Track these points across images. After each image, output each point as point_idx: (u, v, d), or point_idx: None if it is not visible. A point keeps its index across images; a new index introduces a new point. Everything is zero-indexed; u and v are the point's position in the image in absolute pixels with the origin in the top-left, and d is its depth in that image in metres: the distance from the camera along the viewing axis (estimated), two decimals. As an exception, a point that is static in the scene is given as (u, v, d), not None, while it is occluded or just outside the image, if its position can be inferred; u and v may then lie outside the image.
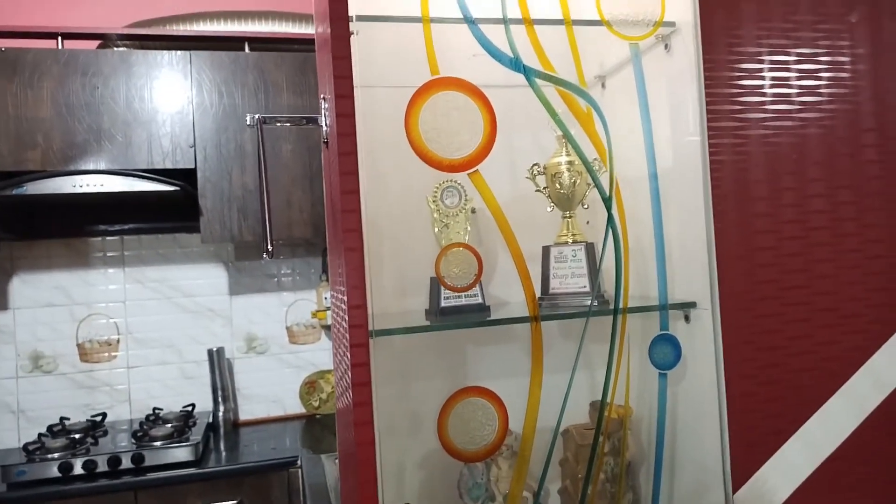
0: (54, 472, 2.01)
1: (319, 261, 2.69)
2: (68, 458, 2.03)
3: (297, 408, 2.63)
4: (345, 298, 0.89)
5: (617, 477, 1.13)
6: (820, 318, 1.05)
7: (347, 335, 0.89)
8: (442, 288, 1.09)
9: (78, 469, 2.03)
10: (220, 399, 2.47)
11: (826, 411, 1.04)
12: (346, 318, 0.90)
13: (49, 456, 2.04)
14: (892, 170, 1.10)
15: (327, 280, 2.61)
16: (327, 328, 2.70)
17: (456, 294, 1.10)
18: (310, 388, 2.62)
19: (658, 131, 1.11)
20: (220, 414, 2.46)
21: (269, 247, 0.99)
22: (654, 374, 1.12)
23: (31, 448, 2.08)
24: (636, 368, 1.15)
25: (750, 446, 1.02)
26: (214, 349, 2.49)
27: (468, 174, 0.95)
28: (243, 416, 2.58)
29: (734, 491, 1.01)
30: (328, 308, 2.56)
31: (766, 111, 1.05)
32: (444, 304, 1.09)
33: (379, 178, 1.17)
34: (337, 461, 2.01)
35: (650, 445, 1.13)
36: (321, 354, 2.68)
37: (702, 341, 1.06)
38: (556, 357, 1.12)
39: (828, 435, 1.04)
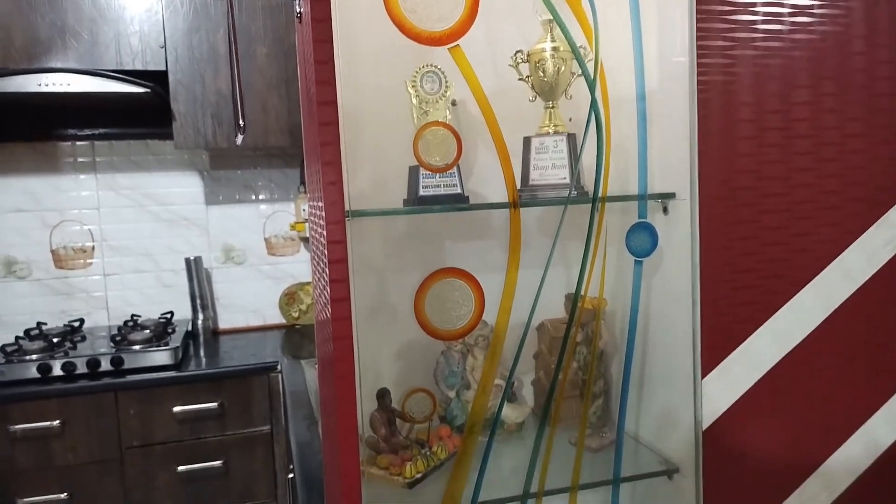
0: (33, 372, 2.02)
1: (297, 172, 2.64)
2: (47, 359, 2.04)
3: (276, 318, 2.64)
4: (321, 187, 0.87)
5: (588, 365, 1.16)
6: (797, 210, 1.05)
7: (324, 223, 0.87)
8: (420, 176, 1.07)
9: (57, 370, 2.04)
10: (198, 307, 2.47)
11: (796, 302, 1.06)
12: (322, 200, 0.88)
13: (27, 357, 2.04)
14: (875, 66, 1.08)
15: (305, 192, 2.58)
16: (306, 240, 2.69)
17: (434, 183, 1.08)
18: (289, 299, 2.63)
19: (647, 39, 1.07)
20: (199, 322, 2.47)
21: (241, 122, 0.96)
22: (629, 267, 1.13)
23: (8, 350, 2.08)
24: (612, 261, 1.15)
25: (720, 334, 1.04)
26: (192, 258, 2.47)
27: (449, 49, 0.92)
28: (222, 325, 2.60)
29: (702, 377, 1.04)
30: (306, 220, 2.53)
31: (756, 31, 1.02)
32: (422, 192, 1.07)
33: (356, 63, 1.12)
34: (317, 366, 2.04)
35: (622, 335, 1.15)
36: (300, 266, 2.67)
37: (679, 231, 1.06)
38: (533, 253, 1.11)
39: (797, 325, 1.06)
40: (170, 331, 2.32)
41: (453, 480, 1.03)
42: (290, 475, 1.68)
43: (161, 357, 2.13)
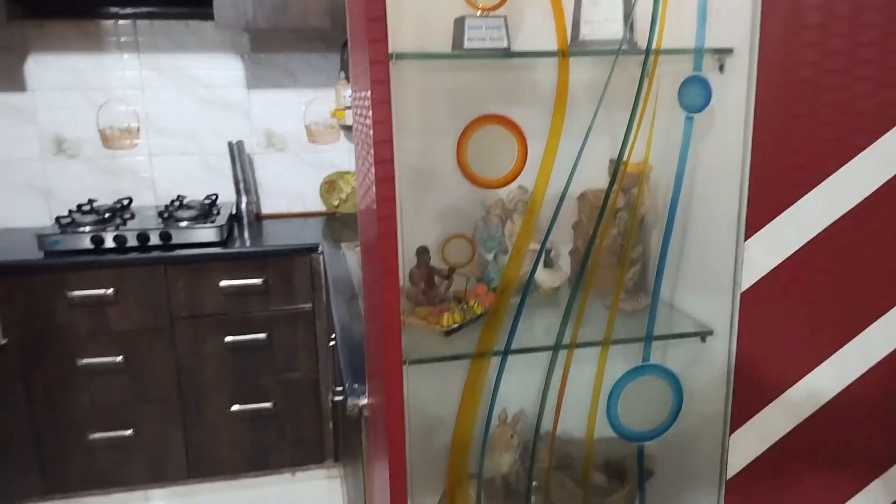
0: (87, 243, 2.11)
1: (338, 57, 2.60)
2: (99, 232, 2.12)
3: (317, 206, 2.68)
4: (365, 25, 0.85)
5: (628, 231, 1.15)
6: (860, 70, 1.00)
7: (368, 63, 0.86)
8: (466, 28, 1.04)
9: (109, 242, 2.12)
10: (241, 191, 2.52)
11: (852, 167, 1.02)
12: (367, 40, 0.86)
13: (81, 229, 2.13)
14: None
15: (347, 78, 2.54)
16: (346, 129, 2.68)
17: (480, 36, 1.05)
18: (330, 187, 2.65)
19: None
20: (243, 205, 2.52)
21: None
22: (677, 133, 1.09)
23: (63, 221, 2.17)
24: (661, 126, 1.12)
25: (767, 197, 1.01)
26: (234, 142, 2.50)
27: None
28: (265, 210, 2.65)
29: (746, 239, 1.03)
30: (348, 107, 2.51)
31: None
32: (467, 44, 1.05)
33: None
34: (358, 248, 2.08)
35: (665, 203, 1.14)
36: (340, 155, 2.68)
37: (734, 91, 1.02)
38: (578, 120, 1.09)
39: (850, 191, 1.03)
40: (215, 211, 2.38)
41: (487, 330, 1.06)
42: (332, 342, 1.75)
43: (207, 234, 2.20)
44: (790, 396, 1.08)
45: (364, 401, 1.22)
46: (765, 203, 1.02)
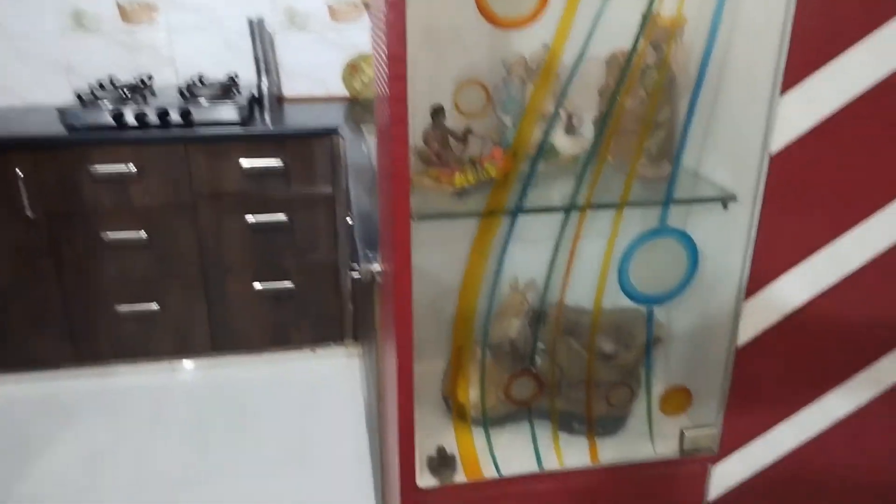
0: (108, 119, 2.10)
1: (362, -71, 2.45)
2: (120, 108, 2.10)
3: (339, 90, 2.61)
4: None
5: (654, 90, 1.08)
6: None
7: None
8: None
9: (130, 119, 2.11)
10: (262, 71, 2.46)
11: (906, 19, 0.93)
12: None
13: (102, 105, 2.11)
14: None
15: (370, -47, 2.40)
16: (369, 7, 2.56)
17: None
18: (352, 70, 2.57)
19: None
20: (264, 86, 2.47)
21: None
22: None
23: (84, 97, 2.15)
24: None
25: (809, 49, 0.93)
26: (255, 19, 2.41)
27: None
28: (286, 92, 2.59)
29: (782, 92, 0.95)
30: (371, -15, 2.39)
31: None
32: None
33: None
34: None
35: (697, 61, 1.06)
36: (363, 36, 2.58)
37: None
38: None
39: (900, 46, 0.94)
40: (235, 91, 2.34)
41: (498, 191, 1.03)
42: (349, 222, 1.74)
43: (228, 113, 2.17)
44: (811, 265, 1.04)
45: (376, 267, 1.22)
46: (807, 54, 0.94)
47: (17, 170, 2.03)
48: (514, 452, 1.18)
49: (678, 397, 1.21)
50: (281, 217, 2.21)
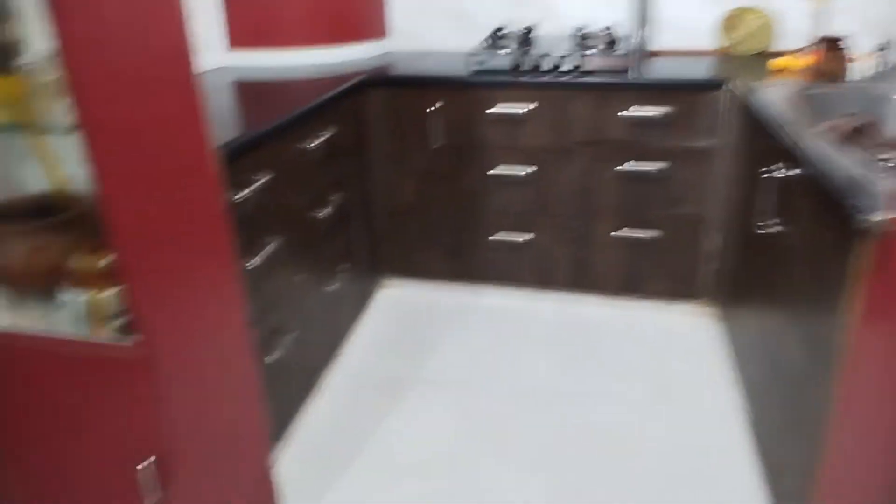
0: (506, 65, 2.30)
1: None
2: (517, 55, 2.29)
3: (707, 43, 2.55)
4: None
5: None
6: None
7: None
8: None
9: (526, 66, 2.29)
10: (641, 23, 2.49)
11: None
12: None
13: (500, 52, 2.32)
14: None
15: None
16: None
17: None
18: (731, 23, 2.50)
19: None
20: (642, 38, 2.50)
21: None
22: None
23: (485, 44, 2.38)
24: None
25: None
26: (640, -30, 2.44)
27: None
28: (661, 45, 2.59)
29: None
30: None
31: None
32: None
33: None
34: (776, 86, 1.95)
35: None
36: (746, -13, 2.47)
37: None
38: None
39: None
40: (617, 42, 2.40)
41: None
42: (771, 173, 1.70)
43: (612, 63, 2.24)
44: None
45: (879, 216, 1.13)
46: None
47: (431, 106, 2.33)
48: None
49: None
50: (655, 167, 2.25)
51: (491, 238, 2.48)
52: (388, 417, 1.97)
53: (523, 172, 2.36)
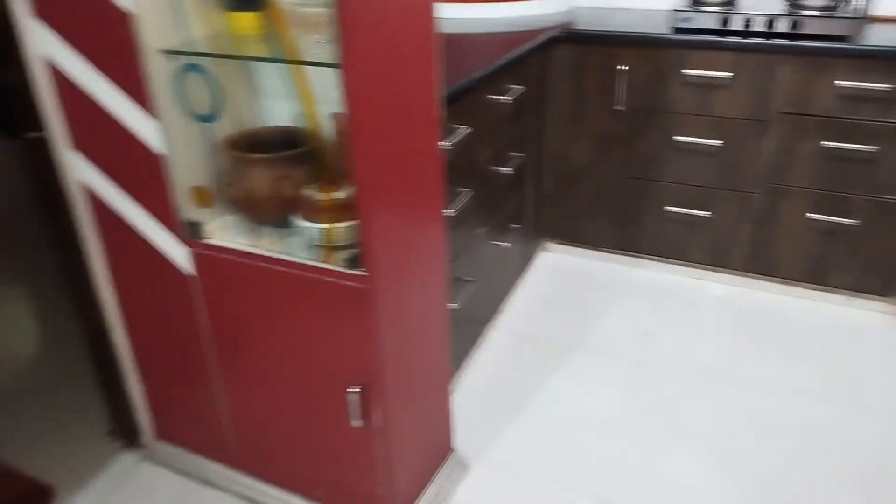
0: (714, 23, 2.15)
1: None
2: (727, 13, 2.13)
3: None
4: None
5: None
6: None
7: None
8: None
9: (735, 25, 2.12)
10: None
11: None
12: None
13: (708, 10, 2.16)
14: None
15: None
16: None
17: None
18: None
19: None
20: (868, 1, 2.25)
21: None
22: None
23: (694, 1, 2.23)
24: None
25: None
26: (874, -75, 2.17)
27: None
28: (886, 11, 2.32)
29: None
30: None
31: None
32: None
33: None
34: None
35: None
36: None
37: None
38: None
39: None
40: (836, 3, 2.17)
41: None
42: None
43: (834, 26, 2.03)
44: None
45: None
46: None
47: (620, 66, 2.23)
48: None
49: None
50: (866, 147, 2.03)
51: (665, 209, 2.37)
52: (552, 378, 1.96)
53: (711, 142, 2.21)
